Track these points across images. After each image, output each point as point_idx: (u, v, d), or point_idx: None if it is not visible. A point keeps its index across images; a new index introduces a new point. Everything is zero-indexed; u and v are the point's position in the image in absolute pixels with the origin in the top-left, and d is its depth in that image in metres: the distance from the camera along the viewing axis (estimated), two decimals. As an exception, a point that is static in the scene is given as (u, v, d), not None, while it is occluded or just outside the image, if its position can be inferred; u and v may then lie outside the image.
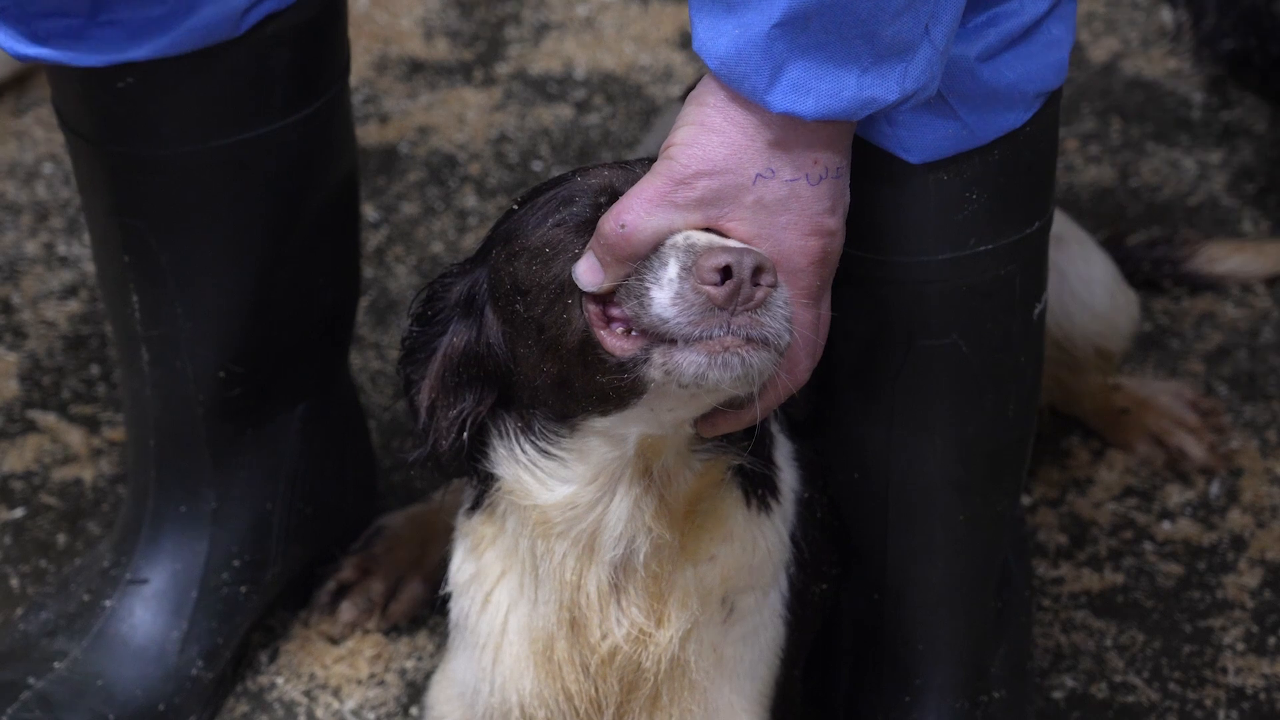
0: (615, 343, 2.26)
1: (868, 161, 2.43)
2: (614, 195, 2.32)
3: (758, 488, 2.51)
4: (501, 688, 2.56)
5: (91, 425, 3.46)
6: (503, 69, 4.29)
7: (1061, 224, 3.16)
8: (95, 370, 3.57)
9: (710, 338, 2.19)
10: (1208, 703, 3.01)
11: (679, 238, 2.23)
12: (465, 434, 2.41)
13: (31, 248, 3.83)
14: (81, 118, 2.74)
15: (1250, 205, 3.90)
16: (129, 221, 2.77)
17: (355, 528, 3.17)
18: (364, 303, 3.67)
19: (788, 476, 2.59)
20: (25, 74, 4.17)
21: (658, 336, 2.22)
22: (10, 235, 3.85)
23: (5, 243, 3.84)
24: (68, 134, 2.78)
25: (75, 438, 3.43)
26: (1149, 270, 3.68)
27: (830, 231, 2.29)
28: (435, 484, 2.56)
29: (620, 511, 2.40)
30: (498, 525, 2.52)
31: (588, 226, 2.31)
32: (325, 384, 3.02)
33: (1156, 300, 3.67)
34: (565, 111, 4.17)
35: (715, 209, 2.24)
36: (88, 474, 3.37)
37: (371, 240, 3.82)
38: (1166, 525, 3.28)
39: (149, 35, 2.63)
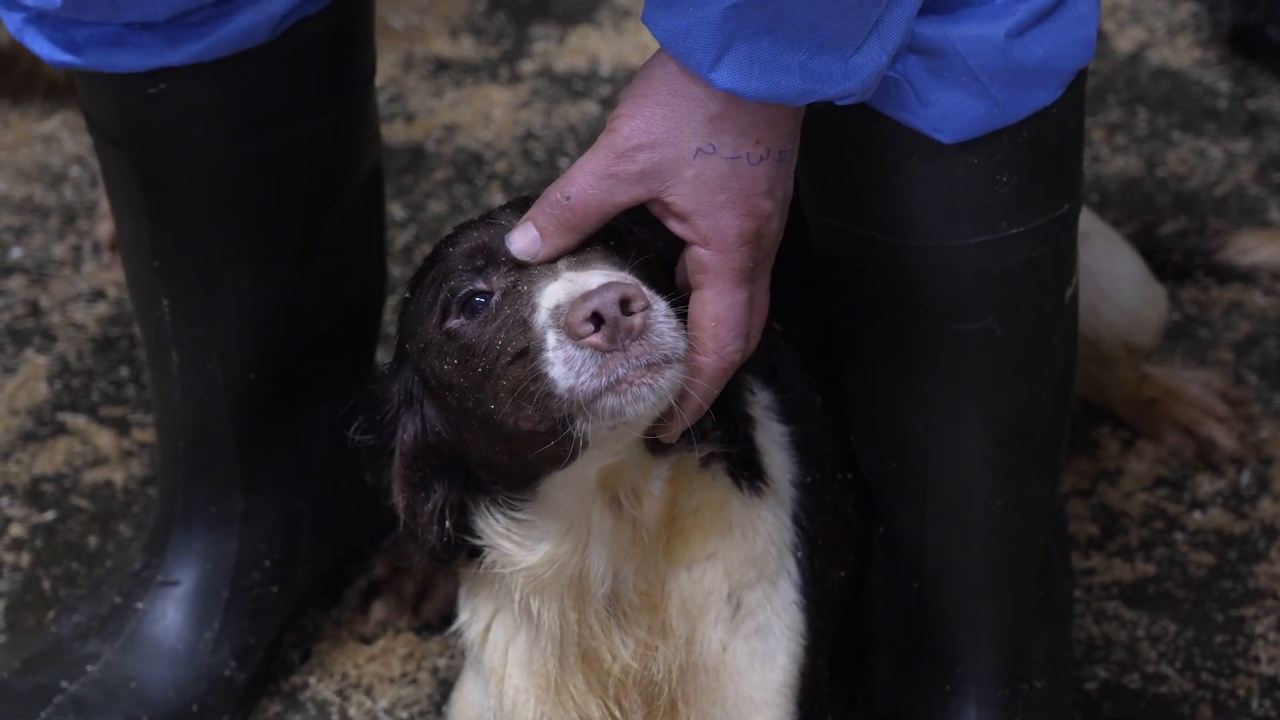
0: (534, 421, 2.29)
1: (899, 143, 2.44)
2: (490, 254, 2.34)
3: (743, 470, 2.52)
4: (509, 715, 2.60)
5: (121, 427, 3.46)
6: (528, 66, 4.29)
7: (1087, 220, 3.16)
8: (124, 372, 3.57)
9: (617, 380, 2.22)
10: (1240, 692, 3.00)
11: (548, 302, 2.25)
12: (448, 523, 2.46)
13: (59, 250, 3.84)
14: (112, 123, 2.74)
15: (1278, 194, 3.89)
16: (159, 225, 2.78)
17: (385, 526, 3.17)
18: (391, 300, 3.67)
19: (780, 459, 2.61)
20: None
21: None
22: (38, 238, 3.86)
23: (33, 245, 3.85)
24: (97, 139, 2.78)
25: (105, 440, 3.44)
26: (1180, 260, 3.68)
27: (767, 214, 2.30)
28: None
29: (599, 550, 2.45)
30: (489, 578, 2.56)
31: (471, 299, 2.33)
32: (352, 382, 3.03)
33: (1185, 290, 3.66)
34: (591, 108, 4.17)
35: (657, 182, 2.26)
36: (118, 476, 3.38)
37: (399, 238, 3.83)
38: (1197, 515, 3.27)
39: (185, 41, 2.63)
